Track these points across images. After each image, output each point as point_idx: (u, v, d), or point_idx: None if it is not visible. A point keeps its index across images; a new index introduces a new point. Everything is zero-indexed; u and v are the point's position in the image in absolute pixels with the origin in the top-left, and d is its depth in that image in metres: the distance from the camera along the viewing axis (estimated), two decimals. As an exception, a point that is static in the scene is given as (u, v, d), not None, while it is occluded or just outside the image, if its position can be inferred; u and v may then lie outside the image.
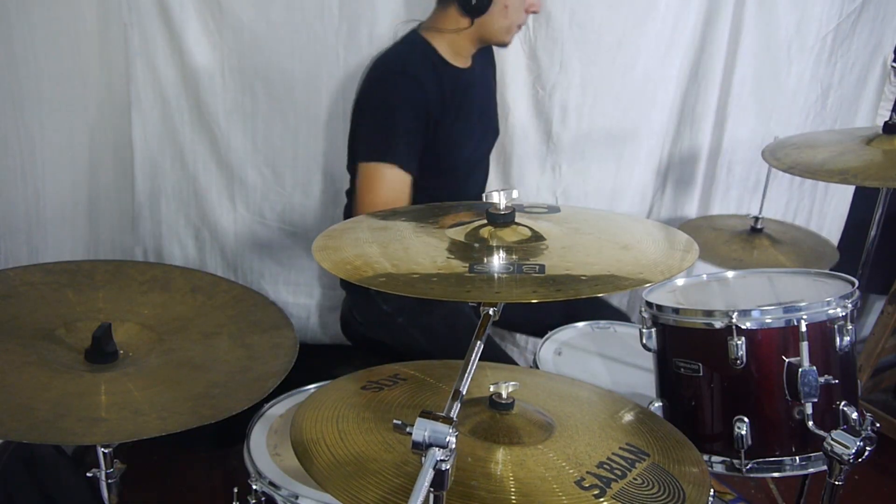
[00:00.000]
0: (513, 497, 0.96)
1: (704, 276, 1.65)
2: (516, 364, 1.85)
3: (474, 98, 1.91)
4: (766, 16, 2.24)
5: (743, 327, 1.28)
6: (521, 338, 2.53)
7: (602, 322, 1.90)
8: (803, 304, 1.30)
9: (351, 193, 1.97)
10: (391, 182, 1.71)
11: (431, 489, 0.82)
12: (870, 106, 2.49)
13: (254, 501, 1.25)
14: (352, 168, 1.86)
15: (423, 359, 1.39)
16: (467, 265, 0.97)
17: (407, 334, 1.85)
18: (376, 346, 1.94)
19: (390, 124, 1.71)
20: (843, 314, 1.31)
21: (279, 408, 1.48)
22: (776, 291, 1.60)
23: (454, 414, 0.85)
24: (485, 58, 1.95)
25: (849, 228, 2.63)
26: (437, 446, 0.81)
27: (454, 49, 1.81)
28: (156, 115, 2.20)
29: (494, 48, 1.97)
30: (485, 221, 1.09)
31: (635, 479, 1.01)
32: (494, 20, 1.76)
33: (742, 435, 1.29)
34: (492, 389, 1.13)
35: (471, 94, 1.88)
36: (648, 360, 1.47)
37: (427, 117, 1.73)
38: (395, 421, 0.86)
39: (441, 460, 0.81)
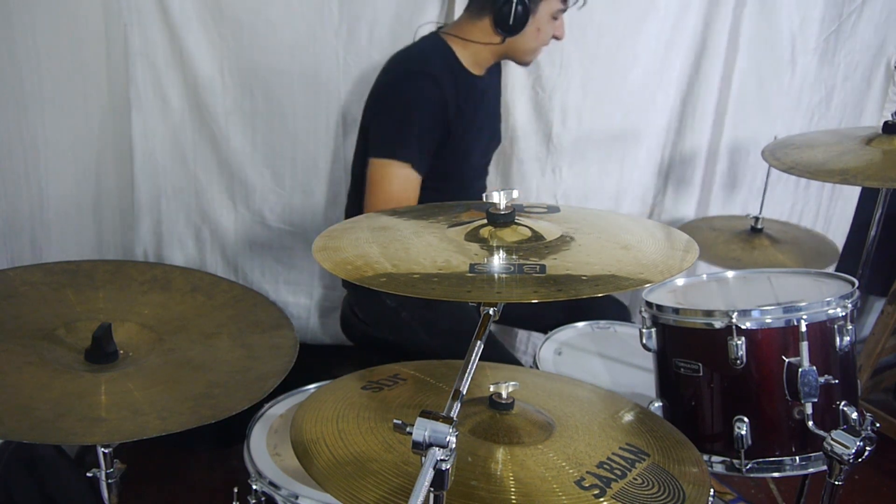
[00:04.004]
0: (513, 497, 0.96)
1: (704, 276, 1.65)
2: (520, 363, 1.85)
3: (485, 106, 1.91)
4: (766, 17, 2.24)
5: (743, 327, 1.28)
6: (519, 341, 2.53)
7: (602, 322, 1.91)
8: (803, 304, 1.30)
9: (352, 193, 1.97)
10: (402, 180, 1.70)
11: (431, 489, 0.82)
12: (875, 107, 2.49)
13: (254, 501, 1.25)
14: (360, 164, 1.85)
15: (426, 356, 1.39)
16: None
17: (411, 330, 1.85)
18: (377, 345, 1.94)
19: (407, 122, 1.71)
20: (843, 314, 1.31)
21: (279, 408, 1.48)
22: (776, 291, 1.60)
23: (454, 414, 0.85)
24: (494, 68, 1.96)
25: (854, 230, 2.62)
26: (437, 446, 0.81)
27: (475, 58, 1.81)
28: (156, 115, 2.20)
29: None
30: (485, 221, 1.09)
31: (635, 479, 1.01)
32: (526, 41, 1.76)
33: (742, 435, 1.29)
34: (492, 389, 1.13)
35: (482, 101, 1.88)
36: (648, 360, 1.47)
37: (444, 119, 1.72)
38: (395, 421, 0.86)
39: (441, 460, 0.81)
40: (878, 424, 1.18)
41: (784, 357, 1.28)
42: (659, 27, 2.21)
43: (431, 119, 1.70)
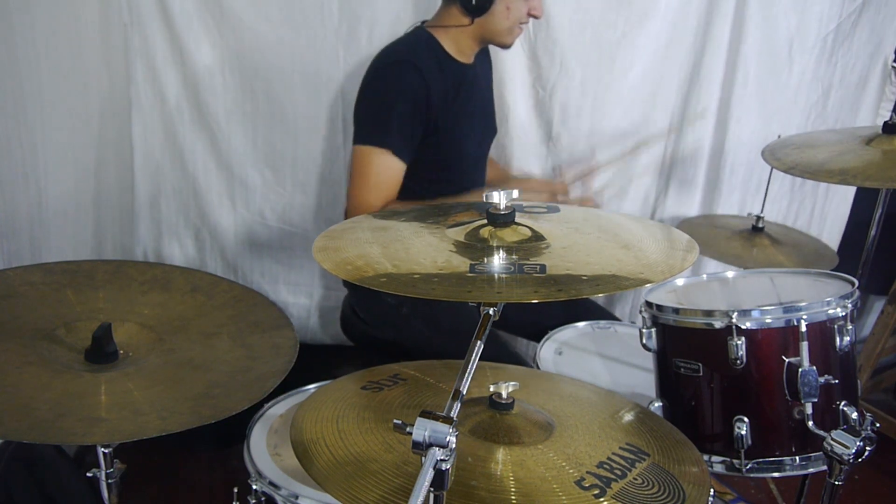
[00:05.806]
0: (513, 497, 0.96)
1: (705, 276, 1.65)
2: (525, 361, 1.85)
3: (477, 94, 1.92)
4: (766, 15, 2.24)
5: (743, 327, 1.28)
6: (519, 342, 2.53)
7: (602, 322, 1.91)
8: (803, 304, 1.30)
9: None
10: (382, 166, 1.73)
11: (431, 489, 0.82)
12: (871, 106, 2.49)
13: (254, 501, 1.25)
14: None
15: (427, 355, 1.39)
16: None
17: (412, 327, 1.85)
18: (378, 345, 1.94)
19: (386, 109, 1.73)
20: (843, 314, 1.31)
21: (279, 408, 1.48)
22: (776, 291, 1.60)
23: (454, 414, 0.85)
24: (483, 56, 1.96)
25: (849, 230, 2.63)
26: (437, 446, 0.81)
27: (458, 46, 1.82)
28: (156, 115, 2.20)
29: (492, 48, 1.97)
30: (485, 221, 1.09)
31: (635, 479, 1.01)
32: (497, 21, 1.77)
33: (742, 435, 1.29)
34: (492, 389, 1.13)
35: (474, 89, 1.89)
36: (648, 360, 1.47)
37: (427, 107, 1.73)
38: (395, 421, 0.86)
39: (441, 460, 0.81)
40: (878, 424, 1.18)
41: (784, 357, 1.28)
42: (659, 26, 2.21)
43: (412, 106, 1.72)
